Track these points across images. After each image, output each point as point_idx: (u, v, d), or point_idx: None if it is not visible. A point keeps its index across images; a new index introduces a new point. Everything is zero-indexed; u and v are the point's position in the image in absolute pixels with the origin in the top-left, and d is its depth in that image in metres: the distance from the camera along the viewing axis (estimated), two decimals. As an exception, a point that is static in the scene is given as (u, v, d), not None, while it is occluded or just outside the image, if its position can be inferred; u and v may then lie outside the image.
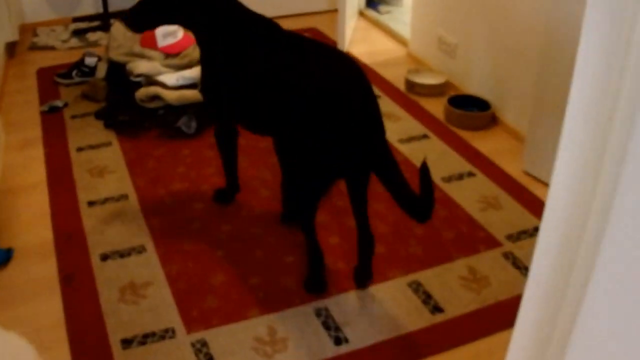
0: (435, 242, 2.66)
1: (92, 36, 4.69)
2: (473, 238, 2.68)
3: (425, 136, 3.44)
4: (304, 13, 5.16)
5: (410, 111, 3.68)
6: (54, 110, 3.66)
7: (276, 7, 4.94)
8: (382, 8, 5.09)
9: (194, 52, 3.59)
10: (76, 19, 4.95)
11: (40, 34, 4.74)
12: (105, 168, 3.14)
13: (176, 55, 3.62)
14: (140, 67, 3.46)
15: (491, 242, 2.66)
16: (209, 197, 2.91)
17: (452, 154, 3.28)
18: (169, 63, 3.55)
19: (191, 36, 3.69)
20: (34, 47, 4.51)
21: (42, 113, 3.64)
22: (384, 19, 4.94)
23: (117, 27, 3.80)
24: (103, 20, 4.86)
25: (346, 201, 2.42)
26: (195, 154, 3.25)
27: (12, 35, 4.22)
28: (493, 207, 2.87)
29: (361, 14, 5.12)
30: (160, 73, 3.45)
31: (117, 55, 3.62)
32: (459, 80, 3.87)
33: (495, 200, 2.92)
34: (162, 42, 3.64)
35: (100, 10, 4.89)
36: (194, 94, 3.38)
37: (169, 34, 3.66)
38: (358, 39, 4.66)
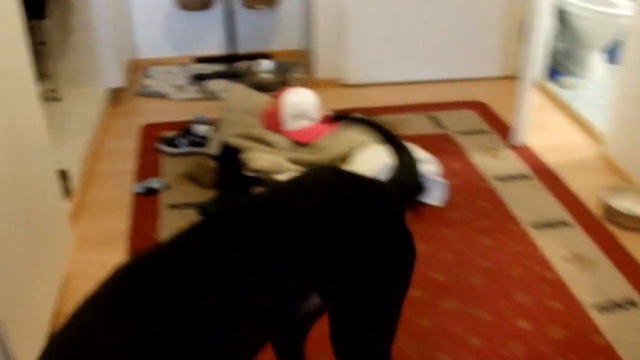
0: None
1: (213, 85, 3.96)
2: None
3: (632, 303, 2.45)
4: (466, 79, 4.12)
5: (610, 254, 2.68)
6: (150, 192, 2.94)
7: (432, 71, 3.98)
8: (566, 80, 4.06)
9: (330, 144, 2.76)
10: (199, 60, 4.25)
11: (152, 74, 4.06)
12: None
13: (307, 144, 2.81)
14: (260, 159, 2.65)
15: None
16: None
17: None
18: (297, 157, 2.72)
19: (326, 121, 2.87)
20: (143, 93, 3.83)
21: (135, 194, 2.94)
22: (567, 96, 3.92)
23: (236, 96, 3.04)
24: (229, 64, 4.13)
25: None
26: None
27: (118, 81, 3.56)
28: None
29: (539, 87, 4.08)
30: (283, 171, 2.64)
31: (231, 136, 2.83)
32: (679, 213, 2.83)
33: None
34: (291, 125, 2.84)
35: (228, 51, 4.16)
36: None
37: (301, 115, 2.86)
38: (533, 124, 3.62)
